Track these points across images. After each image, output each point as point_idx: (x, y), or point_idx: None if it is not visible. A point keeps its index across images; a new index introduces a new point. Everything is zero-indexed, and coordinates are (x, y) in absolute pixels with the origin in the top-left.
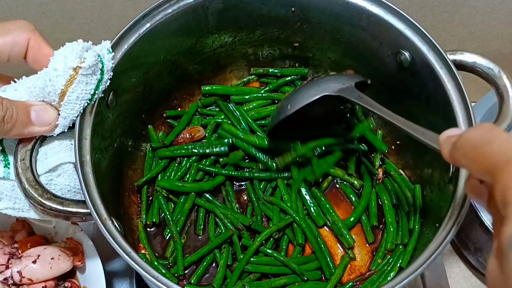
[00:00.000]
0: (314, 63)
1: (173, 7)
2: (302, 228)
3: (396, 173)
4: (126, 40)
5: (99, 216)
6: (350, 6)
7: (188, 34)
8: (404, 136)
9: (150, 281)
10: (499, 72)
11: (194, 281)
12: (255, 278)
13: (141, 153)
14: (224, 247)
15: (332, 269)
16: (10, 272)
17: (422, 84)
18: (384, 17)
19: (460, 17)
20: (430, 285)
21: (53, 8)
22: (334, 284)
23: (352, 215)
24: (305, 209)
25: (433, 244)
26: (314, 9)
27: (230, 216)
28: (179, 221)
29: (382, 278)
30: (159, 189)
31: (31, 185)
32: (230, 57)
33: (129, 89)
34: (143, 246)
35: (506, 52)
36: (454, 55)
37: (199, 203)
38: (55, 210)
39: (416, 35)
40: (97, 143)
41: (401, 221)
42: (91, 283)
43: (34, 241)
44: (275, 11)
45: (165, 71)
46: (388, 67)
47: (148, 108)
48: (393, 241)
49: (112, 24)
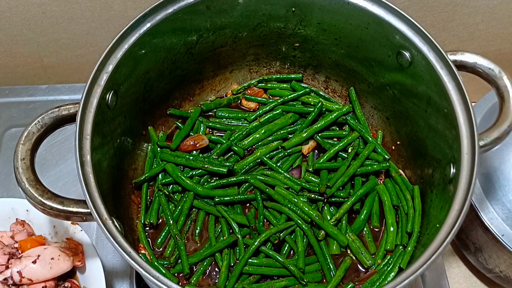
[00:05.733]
0: (315, 63)
1: (174, 7)
2: (304, 231)
3: (396, 174)
4: (126, 40)
5: (99, 216)
6: (350, 6)
7: (189, 34)
8: (404, 136)
9: (150, 281)
10: (499, 73)
11: (194, 281)
12: (254, 280)
13: (142, 153)
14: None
15: (332, 271)
16: (10, 272)
17: (422, 84)
18: (384, 17)
19: (460, 17)
20: (430, 285)
21: (53, 8)
22: (335, 285)
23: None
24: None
25: (433, 244)
26: (315, 9)
27: (233, 216)
28: (179, 221)
29: (382, 279)
30: (161, 187)
31: (31, 185)
32: (231, 57)
33: (129, 89)
34: (143, 246)
35: (506, 52)
36: (454, 56)
37: (197, 205)
38: (56, 210)
39: (416, 35)
40: (98, 143)
41: (401, 222)
42: (91, 283)
43: (34, 241)
44: (275, 11)
45: (165, 71)
46: (389, 67)
47: (148, 108)
48: (393, 242)
49: (112, 24)
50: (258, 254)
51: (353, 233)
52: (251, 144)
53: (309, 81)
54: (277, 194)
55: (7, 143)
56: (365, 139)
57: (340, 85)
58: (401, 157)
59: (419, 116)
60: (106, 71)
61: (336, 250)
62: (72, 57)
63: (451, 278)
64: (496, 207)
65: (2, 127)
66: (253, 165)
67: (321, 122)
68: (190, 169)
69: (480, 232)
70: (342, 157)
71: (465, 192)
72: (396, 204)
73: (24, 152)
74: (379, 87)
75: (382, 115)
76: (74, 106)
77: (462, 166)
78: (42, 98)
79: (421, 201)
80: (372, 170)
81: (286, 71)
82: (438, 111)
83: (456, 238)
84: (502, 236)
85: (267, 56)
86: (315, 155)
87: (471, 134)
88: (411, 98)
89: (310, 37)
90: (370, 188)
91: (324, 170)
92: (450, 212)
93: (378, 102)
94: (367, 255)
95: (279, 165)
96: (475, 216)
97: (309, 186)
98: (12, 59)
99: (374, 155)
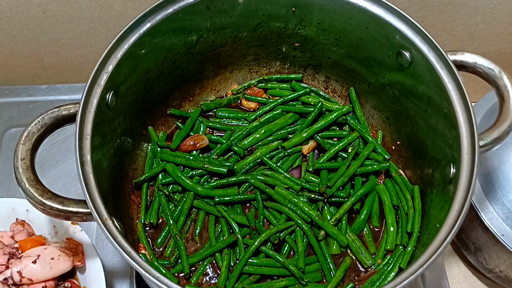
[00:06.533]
0: (315, 63)
1: (174, 7)
2: (304, 231)
3: (396, 174)
4: (126, 40)
5: (99, 216)
6: (350, 6)
7: (189, 34)
8: (404, 136)
9: (150, 281)
10: (499, 73)
11: (194, 281)
12: (254, 280)
13: (142, 153)
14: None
15: (332, 271)
16: (10, 272)
17: (422, 84)
18: (384, 17)
19: (460, 17)
20: (430, 285)
21: (53, 8)
22: (335, 285)
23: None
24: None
25: (433, 244)
26: (315, 9)
27: (233, 216)
28: (179, 220)
29: (382, 279)
30: (161, 187)
31: (31, 185)
32: (231, 57)
33: (129, 89)
34: (143, 246)
35: (506, 52)
36: (454, 56)
37: (197, 205)
38: (56, 210)
39: (416, 35)
40: (98, 142)
41: (401, 222)
42: (91, 283)
43: (34, 241)
44: (275, 11)
45: (165, 71)
46: (389, 67)
47: (148, 108)
48: (393, 242)
49: (112, 24)
50: (258, 254)
51: (353, 233)
52: (251, 144)
53: (309, 81)
54: (277, 194)
55: (7, 143)
56: (365, 139)
57: (340, 85)
58: (401, 157)
59: (419, 116)
60: (106, 71)
61: (336, 250)
62: (72, 57)
63: (451, 278)
64: (496, 207)
65: (2, 127)
66: (253, 165)
67: (321, 122)
68: (190, 169)
69: (480, 232)
70: (342, 157)
71: (465, 192)
72: (396, 204)
73: (24, 152)
74: (379, 87)
75: (382, 115)
76: (74, 106)
77: (462, 166)
78: (42, 98)
79: (421, 201)
80: (372, 170)
81: (286, 71)
82: (438, 111)
83: (456, 238)
84: (502, 236)
85: (267, 56)
86: (315, 155)
87: (471, 134)
88: (411, 98)
89: (310, 37)
90: (370, 188)
91: (324, 170)
92: (450, 212)
93: (378, 102)
94: (367, 255)
95: (279, 165)
96: (475, 216)
97: (309, 186)
98: (12, 59)
99: (374, 155)
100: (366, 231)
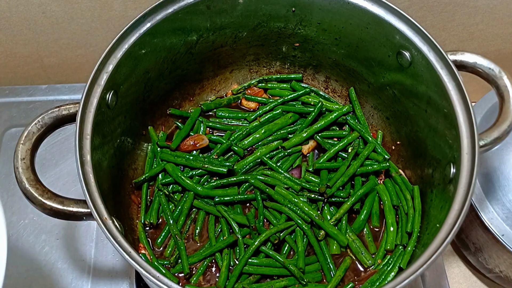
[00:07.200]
0: (315, 63)
1: (174, 7)
2: (304, 231)
3: (396, 174)
4: (126, 40)
5: (99, 216)
6: (350, 6)
7: (189, 34)
8: (404, 136)
9: (150, 281)
10: (499, 72)
11: (194, 281)
12: (254, 280)
13: (142, 153)
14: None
15: (332, 271)
16: None
17: (422, 84)
18: (384, 17)
19: (460, 17)
20: (430, 285)
21: (53, 8)
22: (335, 285)
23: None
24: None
25: (433, 244)
26: (315, 9)
27: (233, 216)
28: (179, 220)
29: (382, 279)
30: (161, 187)
31: (31, 185)
32: (231, 57)
33: (129, 89)
34: (143, 246)
35: (506, 52)
36: (454, 55)
37: (197, 205)
38: (56, 210)
39: (416, 35)
40: (98, 142)
41: (401, 222)
42: None
43: None
44: (275, 11)
45: (165, 71)
46: (389, 67)
47: (148, 108)
48: (393, 242)
49: (112, 24)
50: (258, 254)
51: (353, 233)
52: (251, 144)
53: (309, 81)
54: (277, 194)
55: (7, 143)
56: (365, 139)
57: (340, 85)
58: (401, 157)
59: (419, 116)
60: (106, 71)
61: (336, 250)
62: (72, 57)
63: (451, 278)
64: (496, 207)
65: (2, 127)
66: (253, 165)
67: (321, 122)
68: (190, 169)
69: (480, 232)
70: (342, 157)
71: (465, 192)
72: (396, 204)
73: (24, 152)
74: (379, 87)
75: (382, 115)
76: (74, 106)
77: (462, 166)
78: (42, 98)
79: (421, 201)
80: (372, 170)
81: (286, 71)
82: (438, 111)
83: (456, 238)
84: (502, 236)
85: (267, 56)
86: (315, 155)
87: (471, 134)
88: (411, 98)
89: (310, 37)
90: (370, 188)
91: (324, 170)
92: (450, 212)
93: (378, 102)
94: (367, 255)
95: (279, 165)
96: (475, 216)
97: (309, 186)
98: (12, 59)
99: (374, 155)
100: (366, 231)
